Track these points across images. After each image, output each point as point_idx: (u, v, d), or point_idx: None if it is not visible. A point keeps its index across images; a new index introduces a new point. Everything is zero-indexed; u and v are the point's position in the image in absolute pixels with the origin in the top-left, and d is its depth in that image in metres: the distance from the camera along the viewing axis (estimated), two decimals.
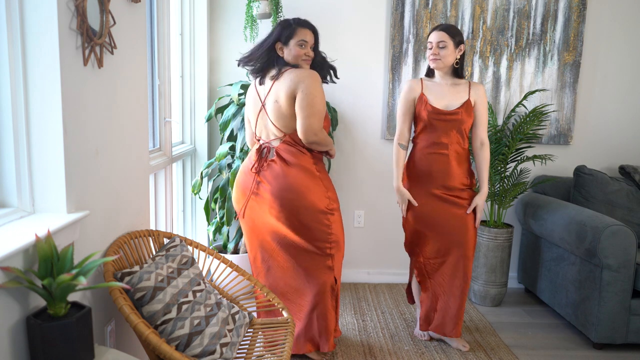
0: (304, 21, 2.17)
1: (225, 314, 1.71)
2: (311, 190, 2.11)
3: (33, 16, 1.23)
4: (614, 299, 2.42)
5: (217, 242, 3.17)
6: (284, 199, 2.09)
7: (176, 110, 2.94)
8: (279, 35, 2.13)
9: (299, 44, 2.11)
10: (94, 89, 1.46)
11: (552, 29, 3.15)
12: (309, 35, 2.14)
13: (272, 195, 2.10)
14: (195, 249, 1.99)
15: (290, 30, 2.12)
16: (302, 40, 2.11)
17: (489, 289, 3.01)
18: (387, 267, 3.40)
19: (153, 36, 2.44)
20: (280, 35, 2.13)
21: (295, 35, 2.11)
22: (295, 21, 2.15)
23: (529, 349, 2.52)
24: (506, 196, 2.99)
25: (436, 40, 2.27)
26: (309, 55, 2.15)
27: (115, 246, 1.59)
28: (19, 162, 1.29)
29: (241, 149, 2.78)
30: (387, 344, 2.51)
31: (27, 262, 1.16)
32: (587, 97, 3.27)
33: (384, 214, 3.33)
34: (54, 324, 1.12)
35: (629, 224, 2.86)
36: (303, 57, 2.13)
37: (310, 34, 2.15)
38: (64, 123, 1.29)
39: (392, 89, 3.17)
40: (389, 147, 3.25)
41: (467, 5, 3.11)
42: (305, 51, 2.13)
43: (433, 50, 2.29)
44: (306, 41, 2.12)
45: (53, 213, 1.32)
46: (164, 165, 2.50)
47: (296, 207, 2.09)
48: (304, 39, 2.12)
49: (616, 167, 3.31)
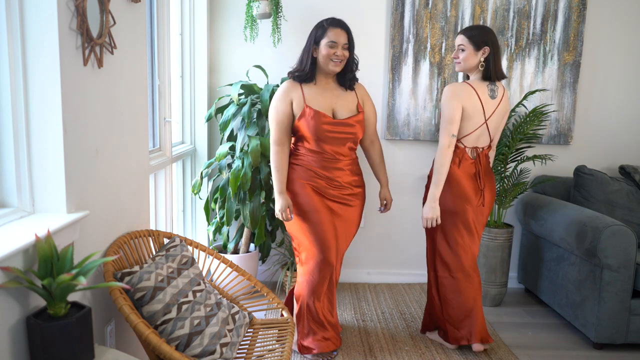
0: (337, 21, 2.15)
1: (225, 314, 1.71)
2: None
3: (33, 16, 1.23)
4: (614, 299, 2.42)
5: (217, 242, 3.17)
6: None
7: (176, 110, 2.94)
8: (313, 38, 2.14)
9: (328, 45, 2.10)
10: (94, 89, 1.46)
11: (552, 29, 3.15)
12: (341, 35, 2.12)
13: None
14: (195, 249, 1.99)
15: (322, 30, 2.12)
16: (332, 42, 2.10)
17: (489, 289, 3.01)
18: (387, 267, 3.40)
19: (153, 36, 2.44)
20: (314, 37, 2.14)
21: (325, 36, 2.11)
22: (328, 21, 2.14)
23: (529, 349, 2.51)
24: (506, 196, 2.99)
25: (456, 43, 2.32)
26: (339, 56, 2.12)
27: (115, 246, 1.59)
28: (19, 162, 1.29)
29: (241, 149, 2.78)
30: (387, 344, 2.51)
31: (27, 262, 1.16)
32: (587, 97, 3.27)
33: (384, 214, 3.33)
34: (54, 324, 1.12)
35: (629, 224, 2.86)
36: (332, 57, 2.11)
37: (343, 33, 2.12)
38: (64, 123, 1.29)
39: (392, 89, 3.17)
40: (389, 147, 3.24)
41: (467, 5, 3.11)
42: (334, 51, 2.11)
43: (454, 54, 2.32)
44: (336, 42, 2.10)
45: (53, 213, 1.32)
46: (164, 165, 2.50)
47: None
48: (334, 39, 2.10)
49: (616, 167, 3.31)
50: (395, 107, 3.18)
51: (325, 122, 2.14)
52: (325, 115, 2.15)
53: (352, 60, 2.21)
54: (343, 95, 2.23)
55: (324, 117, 2.14)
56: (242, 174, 2.70)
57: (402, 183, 3.28)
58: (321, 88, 2.20)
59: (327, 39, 2.10)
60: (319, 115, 2.13)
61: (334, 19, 2.16)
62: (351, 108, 2.23)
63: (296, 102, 2.16)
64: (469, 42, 2.28)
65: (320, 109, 2.15)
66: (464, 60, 2.29)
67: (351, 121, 2.20)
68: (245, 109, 2.76)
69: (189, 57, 2.99)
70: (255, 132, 2.80)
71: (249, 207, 2.80)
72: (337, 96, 2.21)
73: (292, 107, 2.17)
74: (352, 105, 2.23)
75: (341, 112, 2.20)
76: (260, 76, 3.11)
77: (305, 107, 2.15)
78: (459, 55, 2.30)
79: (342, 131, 2.18)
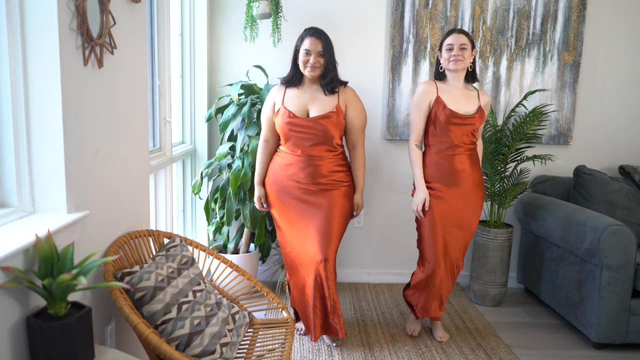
0: (313, 30, 2.28)
1: (225, 314, 1.71)
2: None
3: (33, 16, 1.23)
4: (614, 299, 2.42)
5: (217, 242, 3.17)
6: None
7: (176, 110, 2.94)
8: (296, 45, 2.30)
9: (304, 52, 2.25)
10: (94, 89, 1.46)
11: (552, 29, 3.15)
12: (315, 44, 2.24)
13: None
14: (195, 249, 1.99)
15: (301, 39, 2.28)
16: (306, 50, 2.25)
17: (489, 289, 3.01)
18: (387, 267, 3.40)
19: (153, 36, 2.44)
20: (296, 45, 2.30)
21: (302, 44, 2.26)
22: (306, 31, 2.30)
23: (529, 349, 2.52)
24: (506, 196, 2.99)
25: (458, 42, 2.31)
26: (313, 63, 2.24)
27: (115, 246, 1.59)
28: (19, 162, 1.29)
29: (241, 149, 2.78)
30: (387, 344, 2.51)
31: (27, 262, 1.16)
32: (587, 97, 3.27)
33: (384, 214, 3.33)
34: (54, 324, 1.12)
35: (629, 224, 2.87)
36: (307, 64, 2.25)
37: (317, 42, 2.25)
38: (64, 123, 1.29)
39: (392, 89, 3.17)
40: (389, 147, 3.25)
41: (467, 5, 3.11)
42: (308, 58, 2.24)
43: (455, 52, 2.31)
44: (309, 50, 2.24)
45: (53, 213, 1.32)
46: (164, 165, 2.50)
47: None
48: (308, 48, 2.24)
49: (616, 167, 3.31)
50: (395, 107, 3.18)
51: (294, 121, 2.27)
52: (294, 114, 2.28)
53: (329, 67, 2.28)
54: (321, 98, 2.31)
55: (293, 115, 2.28)
56: (242, 174, 2.70)
57: (402, 183, 3.28)
58: (302, 91, 2.34)
59: (303, 47, 2.26)
60: (290, 114, 2.28)
61: (311, 29, 2.29)
62: (327, 109, 2.29)
63: (277, 102, 2.35)
64: (469, 41, 2.32)
65: (294, 109, 2.29)
66: (466, 59, 2.33)
67: (319, 119, 2.26)
68: (245, 109, 2.77)
69: (189, 57, 2.99)
70: (255, 132, 2.80)
71: (249, 207, 2.80)
72: (315, 98, 2.31)
73: (274, 108, 2.36)
74: (329, 107, 2.29)
75: (314, 113, 2.29)
76: (260, 76, 3.11)
77: (281, 107, 2.32)
78: (463, 54, 2.31)
79: (312, 128, 2.27)
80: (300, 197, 2.31)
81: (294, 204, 2.33)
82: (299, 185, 2.30)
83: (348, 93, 2.35)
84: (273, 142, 2.40)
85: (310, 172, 2.28)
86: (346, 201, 2.37)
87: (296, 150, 2.30)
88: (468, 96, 2.40)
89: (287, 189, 2.33)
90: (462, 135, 2.37)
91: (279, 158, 2.37)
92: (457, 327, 2.74)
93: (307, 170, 2.28)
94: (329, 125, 2.26)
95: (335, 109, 2.28)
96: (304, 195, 2.31)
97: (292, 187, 2.32)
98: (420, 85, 2.41)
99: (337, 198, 2.32)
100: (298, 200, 2.32)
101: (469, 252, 3.36)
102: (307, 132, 2.26)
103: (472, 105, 2.38)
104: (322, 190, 2.30)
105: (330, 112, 2.26)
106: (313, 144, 2.28)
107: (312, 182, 2.29)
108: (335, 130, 2.28)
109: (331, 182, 2.31)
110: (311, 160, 2.28)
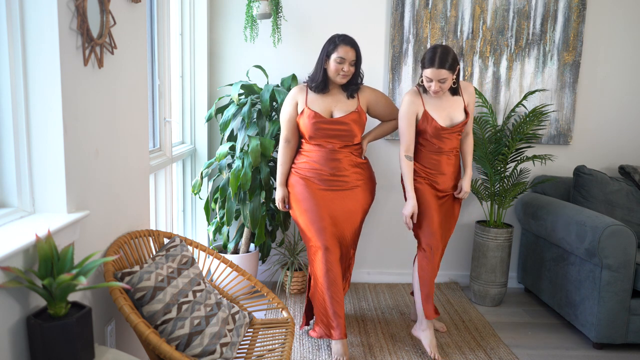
0: (347, 38, 2.31)
1: (225, 314, 1.71)
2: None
3: (33, 16, 1.23)
4: (614, 298, 2.42)
5: (217, 242, 3.17)
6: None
7: (176, 110, 2.94)
8: (325, 51, 2.32)
9: (337, 60, 2.27)
10: (94, 89, 1.46)
11: (552, 29, 3.15)
12: (350, 52, 2.28)
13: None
14: (195, 249, 1.99)
15: (334, 46, 2.29)
16: (341, 58, 2.27)
17: (489, 289, 3.01)
18: (387, 267, 3.40)
19: (153, 36, 2.44)
20: (326, 50, 2.31)
21: (335, 51, 2.28)
22: (340, 38, 2.31)
23: (529, 349, 2.52)
24: (506, 196, 2.99)
25: (437, 77, 2.24)
26: (346, 72, 2.30)
27: (116, 246, 1.59)
28: (19, 162, 1.29)
29: (241, 149, 2.78)
30: (387, 344, 2.51)
31: (28, 262, 1.16)
32: (587, 97, 3.27)
33: (384, 214, 3.33)
34: (54, 323, 1.12)
35: (628, 224, 2.87)
36: (340, 72, 2.30)
37: (352, 51, 2.29)
38: (64, 123, 1.29)
39: (392, 89, 3.17)
40: (389, 147, 3.25)
41: (467, 5, 3.11)
42: (342, 66, 2.29)
43: (435, 88, 2.26)
44: (344, 58, 2.27)
45: (53, 213, 1.32)
46: (164, 165, 2.50)
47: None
48: (343, 56, 2.27)
49: (616, 167, 3.31)
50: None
51: (321, 121, 2.35)
52: (321, 115, 2.36)
53: (357, 74, 2.38)
54: (343, 100, 2.41)
55: (320, 117, 2.36)
56: (242, 174, 2.70)
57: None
58: (325, 93, 2.40)
59: (337, 54, 2.28)
60: (315, 114, 2.35)
61: (345, 37, 2.31)
62: (349, 110, 2.39)
63: (300, 103, 2.40)
64: (449, 72, 2.24)
65: (319, 110, 2.37)
66: (445, 89, 2.30)
67: (345, 119, 2.37)
68: (246, 109, 2.77)
69: (189, 57, 2.99)
70: (255, 132, 2.80)
71: (249, 207, 2.80)
72: (337, 100, 2.40)
73: (297, 108, 2.41)
74: (351, 108, 2.40)
75: (338, 113, 2.39)
76: (260, 76, 3.12)
77: (305, 108, 2.37)
78: (442, 86, 2.26)
79: (337, 128, 2.37)
80: (326, 188, 2.39)
81: (320, 194, 2.39)
82: (324, 177, 2.38)
83: (365, 92, 2.45)
84: (294, 141, 2.46)
85: (334, 166, 2.38)
86: (368, 195, 2.48)
87: (320, 148, 2.38)
88: (454, 101, 2.39)
89: (313, 180, 2.39)
90: (453, 141, 2.41)
91: (304, 157, 2.43)
92: (457, 327, 2.74)
93: (330, 164, 2.37)
94: (352, 125, 2.37)
95: (357, 109, 2.39)
96: (329, 186, 2.39)
97: (318, 179, 2.39)
98: (406, 96, 2.39)
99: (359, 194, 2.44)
100: (324, 191, 2.39)
101: (469, 252, 3.37)
102: (333, 131, 2.36)
103: (458, 110, 2.39)
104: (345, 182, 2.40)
105: (354, 112, 2.37)
106: (337, 141, 2.37)
107: (336, 174, 2.38)
108: (358, 129, 2.40)
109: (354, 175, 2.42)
110: (333, 154, 2.38)
